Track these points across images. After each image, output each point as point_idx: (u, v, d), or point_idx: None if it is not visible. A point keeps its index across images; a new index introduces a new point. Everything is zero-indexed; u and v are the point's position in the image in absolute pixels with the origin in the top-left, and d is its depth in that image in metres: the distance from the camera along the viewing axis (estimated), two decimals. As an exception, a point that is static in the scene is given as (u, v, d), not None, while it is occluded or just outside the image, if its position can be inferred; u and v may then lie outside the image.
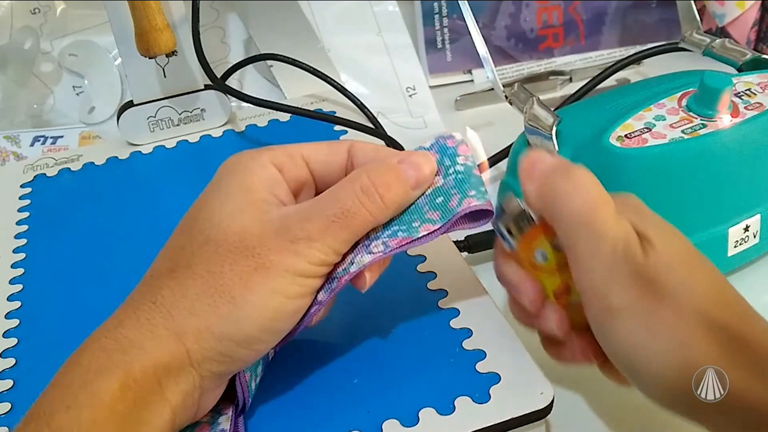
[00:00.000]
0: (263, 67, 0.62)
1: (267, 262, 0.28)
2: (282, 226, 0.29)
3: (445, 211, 0.32)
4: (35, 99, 0.59)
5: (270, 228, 0.29)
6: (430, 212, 0.32)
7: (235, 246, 0.29)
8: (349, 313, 0.37)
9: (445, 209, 0.32)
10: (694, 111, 0.42)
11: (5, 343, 0.37)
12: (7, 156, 0.56)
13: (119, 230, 0.45)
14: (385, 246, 0.31)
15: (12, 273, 0.42)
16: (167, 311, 0.28)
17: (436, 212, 0.32)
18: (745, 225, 0.42)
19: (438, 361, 0.34)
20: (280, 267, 0.29)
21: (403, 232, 0.31)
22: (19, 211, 0.47)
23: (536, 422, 0.32)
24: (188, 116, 0.53)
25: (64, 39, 0.61)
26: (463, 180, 0.32)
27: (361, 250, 0.31)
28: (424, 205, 0.32)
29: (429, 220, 0.32)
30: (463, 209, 0.31)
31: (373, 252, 0.31)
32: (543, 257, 0.33)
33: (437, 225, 0.31)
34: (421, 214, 0.32)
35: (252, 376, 0.32)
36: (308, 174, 0.33)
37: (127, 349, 0.27)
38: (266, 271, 0.28)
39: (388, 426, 0.31)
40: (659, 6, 0.69)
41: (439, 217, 0.32)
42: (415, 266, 0.40)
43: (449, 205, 0.32)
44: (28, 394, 0.34)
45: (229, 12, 0.63)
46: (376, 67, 0.63)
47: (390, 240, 0.31)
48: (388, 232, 0.31)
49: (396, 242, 0.31)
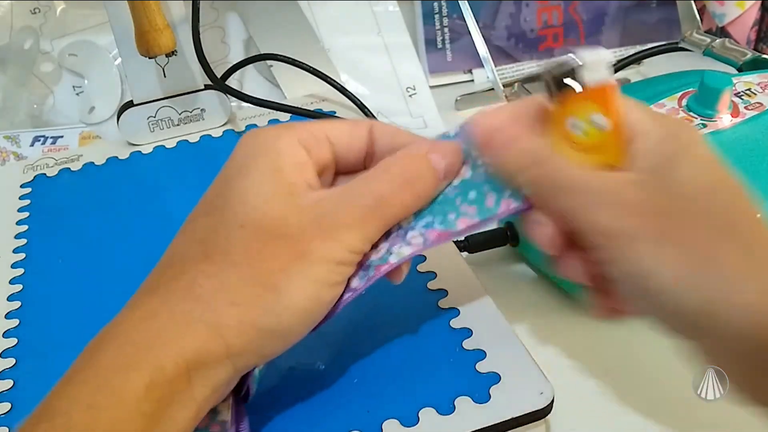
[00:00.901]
0: (263, 67, 0.62)
1: (307, 251, 0.28)
2: (320, 213, 0.28)
3: (482, 208, 0.31)
4: (35, 99, 0.59)
5: (308, 215, 0.28)
6: (464, 206, 0.31)
7: (274, 232, 0.28)
8: (349, 313, 0.36)
9: (482, 207, 0.31)
10: (694, 111, 0.42)
11: (5, 343, 0.37)
12: (7, 156, 0.56)
13: (119, 230, 0.45)
14: (424, 239, 0.31)
15: (12, 273, 0.42)
16: (206, 302, 0.27)
17: (472, 206, 0.31)
18: (745, 225, 0.42)
19: (438, 361, 0.34)
20: (320, 255, 0.28)
21: (440, 224, 0.31)
22: (19, 211, 0.47)
23: (536, 422, 0.32)
24: (188, 116, 0.53)
25: (64, 39, 0.61)
26: (494, 174, 0.32)
27: (397, 240, 0.31)
28: (455, 198, 0.32)
29: (465, 213, 0.31)
30: (503, 211, 0.31)
31: (411, 244, 0.31)
32: (580, 130, 0.30)
33: (475, 219, 0.31)
34: (456, 207, 0.31)
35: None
36: (332, 156, 0.32)
37: (160, 344, 0.26)
38: (307, 259, 0.27)
39: (388, 426, 0.31)
40: (659, 6, 0.69)
41: (476, 212, 0.31)
42: (415, 266, 0.40)
43: (486, 204, 0.31)
44: (28, 394, 0.35)
45: (229, 12, 0.63)
46: (376, 67, 0.63)
47: (427, 232, 0.31)
48: (421, 222, 0.31)
49: (435, 235, 0.31)
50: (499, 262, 0.48)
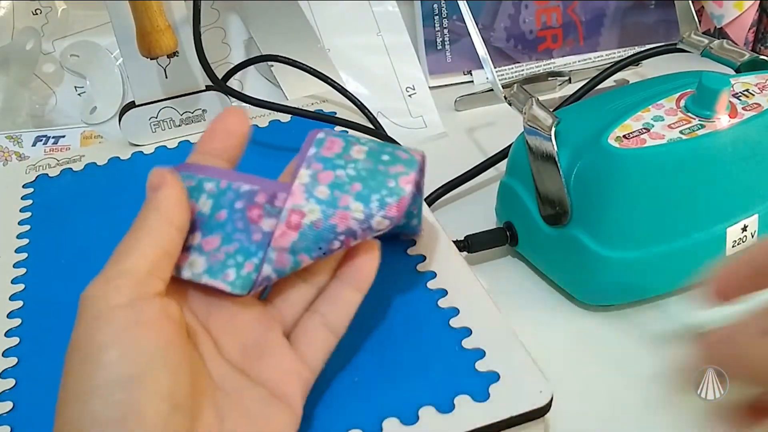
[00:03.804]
0: (264, 67, 0.62)
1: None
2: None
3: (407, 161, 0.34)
4: (37, 99, 0.60)
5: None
6: (392, 168, 0.33)
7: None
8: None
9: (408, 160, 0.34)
10: (692, 111, 0.42)
11: (7, 342, 0.38)
12: (9, 156, 0.57)
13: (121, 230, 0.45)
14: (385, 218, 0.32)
15: (14, 273, 0.42)
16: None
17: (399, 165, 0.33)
18: (743, 225, 0.43)
19: (438, 359, 0.35)
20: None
21: (390, 196, 0.32)
22: (21, 211, 0.47)
23: (535, 420, 0.33)
24: (189, 117, 0.53)
25: (65, 40, 0.61)
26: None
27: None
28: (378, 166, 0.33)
29: (401, 173, 0.33)
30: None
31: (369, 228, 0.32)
32: None
33: (411, 174, 0.33)
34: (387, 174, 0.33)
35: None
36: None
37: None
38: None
39: (388, 424, 0.32)
40: (658, 7, 0.69)
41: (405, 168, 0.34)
42: (414, 266, 0.40)
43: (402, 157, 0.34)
44: (29, 393, 0.35)
45: (229, 13, 0.64)
46: (375, 68, 0.64)
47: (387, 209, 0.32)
48: (374, 203, 0.32)
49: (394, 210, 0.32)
50: (499, 262, 0.48)
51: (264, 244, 0.31)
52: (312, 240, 0.31)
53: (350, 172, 0.32)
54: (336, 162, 0.33)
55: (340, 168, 0.32)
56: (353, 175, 0.32)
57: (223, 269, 0.31)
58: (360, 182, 0.32)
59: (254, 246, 0.31)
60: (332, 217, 0.31)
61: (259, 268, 0.31)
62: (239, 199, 0.32)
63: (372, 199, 0.32)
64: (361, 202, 0.32)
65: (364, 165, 0.33)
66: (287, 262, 0.31)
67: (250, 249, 0.31)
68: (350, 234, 0.32)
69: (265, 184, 0.32)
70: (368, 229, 0.32)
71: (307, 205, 0.31)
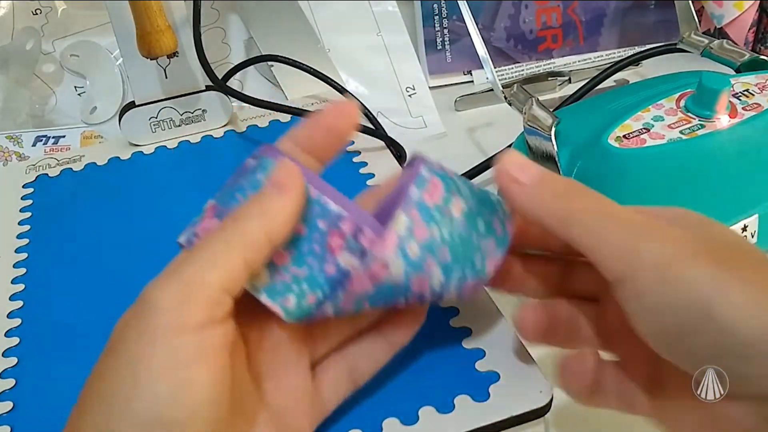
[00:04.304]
0: (264, 67, 0.62)
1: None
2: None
3: (496, 238, 0.30)
4: (37, 99, 0.60)
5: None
6: (483, 242, 0.30)
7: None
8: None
9: (495, 236, 0.30)
10: (692, 111, 0.42)
11: (7, 342, 0.38)
12: (9, 156, 0.57)
13: (121, 230, 0.45)
14: (459, 293, 0.30)
15: (14, 273, 0.42)
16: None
17: (489, 240, 0.30)
18: (743, 225, 0.43)
19: (438, 359, 0.34)
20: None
21: (471, 275, 0.30)
22: (21, 211, 0.47)
23: (535, 420, 0.33)
24: (189, 117, 0.53)
25: (65, 40, 0.61)
26: (483, 197, 0.30)
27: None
28: (471, 235, 0.29)
29: (486, 251, 0.30)
30: (510, 234, 0.30)
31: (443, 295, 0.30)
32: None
33: (498, 255, 0.30)
34: (477, 247, 0.29)
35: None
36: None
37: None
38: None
39: (388, 424, 0.32)
40: (658, 7, 0.69)
41: (494, 245, 0.30)
42: (415, 266, 0.40)
43: (496, 233, 0.30)
44: (29, 393, 0.35)
45: (229, 13, 0.64)
46: (375, 67, 0.64)
47: (463, 286, 0.30)
48: (454, 277, 0.29)
49: (470, 287, 0.30)
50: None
51: (335, 280, 0.28)
52: (383, 293, 0.28)
53: (444, 234, 0.29)
54: (435, 215, 0.29)
55: (436, 225, 0.28)
56: (447, 239, 0.29)
57: (285, 293, 0.28)
58: (450, 250, 0.29)
59: (323, 278, 0.28)
60: (412, 278, 0.28)
61: (321, 304, 0.28)
62: (323, 218, 0.28)
63: (454, 274, 0.29)
64: (444, 273, 0.29)
65: (459, 229, 0.29)
66: (350, 307, 0.29)
67: (319, 280, 0.28)
68: (419, 297, 0.29)
69: (352, 209, 0.28)
70: (438, 298, 0.30)
71: (395, 261, 0.28)
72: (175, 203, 0.47)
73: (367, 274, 0.28)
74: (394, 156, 0.50)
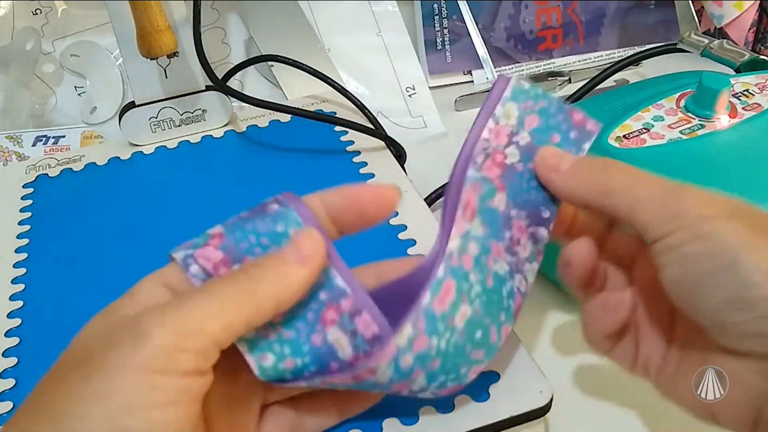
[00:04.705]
0: (264, 67, 0.62)
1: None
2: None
3: (488, 347, 0.30)
4: (37, 99, 0.60)
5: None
6: (474, 352, 0.29)
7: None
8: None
9: (488, 345, 0.30)
10: (692, 111, 0.42)
11: (7, 342, 0.38)
12: (9, 156, 0.57)
13: (121, 230, 0.45)
14: (435, 395, 0.30)
15: (14, 273, 0.42)
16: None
17: (480, 350, 0.30)
18: (743, 225, 0.43)
19: (438, 359, 0.34)
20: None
21: (453, 381, 0.30)
22: (21, 211, 0.47)
23: (535, 420, 0.33)
24: (189, 117, 0.53)
25: (65, 40, 0.61)
26: (492, 291, 0.30)
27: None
28: (465, 346, 0.29)
29: (475, 361, 0.30)
30: (503, 339, 0.31)
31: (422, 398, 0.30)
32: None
33: (483, 364, 0.30)
34: (467, 358, 0.29)
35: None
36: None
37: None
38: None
39: (388, 424, 0.32)
40: (658, 7, 0.69)
41: (483, 355, 0.30)
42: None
43: (490, 340, 0.30)
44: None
45: (229, 13, 0.64)
46: (376, 68, 0.64)
47: (440, 391, 0.30)
48: (434, 383, 0.29)
49: (446, 392, 0.30)
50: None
51: (318, 355, 0.27)
52: (360, 386, 0.28)
53: (442, 345, 0.28)
54: (438, 327, 0.28)
55: (437, 337, 0.28)
56: (442, 350, 0.28)
57: (265, 350, 0.27)
58: (441, 361, 0.28)
59: (308, 348, 0.27)
60: (394, 383, 0.28)
61: (297, 374, 0.27)
62: (327, 290, 0.28)
63: (437, 381, 0.29)
64: (427, 380, 0.28)
65: (456, 339, 0.28)
66: (324, 387, 0.28)
67: (303, 348, 0.27)
68: (395, 394, 0.29)
69: (356, 287, 0.28)
70: (414, 395, 0.29)
71: (385, 370, 0.27)
72: (175, 203, 0.47)
73: (353, 375, 0.27)
74: (393, 156, 0.50)
